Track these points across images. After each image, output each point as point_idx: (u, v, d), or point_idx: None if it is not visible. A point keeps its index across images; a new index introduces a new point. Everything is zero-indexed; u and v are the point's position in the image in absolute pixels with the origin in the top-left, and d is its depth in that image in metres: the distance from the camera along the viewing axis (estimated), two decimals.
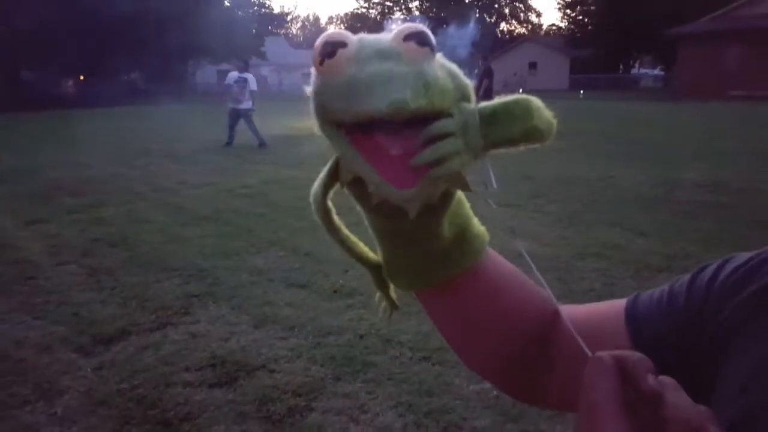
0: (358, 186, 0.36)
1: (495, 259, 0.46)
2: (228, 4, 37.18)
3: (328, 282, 3.54)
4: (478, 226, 0.44)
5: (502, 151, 0.35)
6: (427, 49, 0.32)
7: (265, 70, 47.08)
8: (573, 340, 0.44)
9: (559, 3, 37.98)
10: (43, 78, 25.97)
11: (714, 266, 0.42)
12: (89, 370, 2.58)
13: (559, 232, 4.56)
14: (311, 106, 0.34)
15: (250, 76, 10.09)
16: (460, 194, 0.41)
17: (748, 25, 22.09)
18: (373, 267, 0.46)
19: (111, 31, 21.84)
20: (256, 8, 40.55)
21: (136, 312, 3.19)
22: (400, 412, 2.24)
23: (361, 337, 2.81)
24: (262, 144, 9.99)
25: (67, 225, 5.10)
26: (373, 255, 0.45)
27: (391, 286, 0.47)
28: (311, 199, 0.40)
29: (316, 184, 0.39)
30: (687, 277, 0.43)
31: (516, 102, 0.34)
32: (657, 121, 13.93)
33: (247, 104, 10.01)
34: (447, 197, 0.39)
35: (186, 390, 2.41)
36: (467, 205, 0.43)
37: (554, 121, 0.35)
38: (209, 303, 3.31)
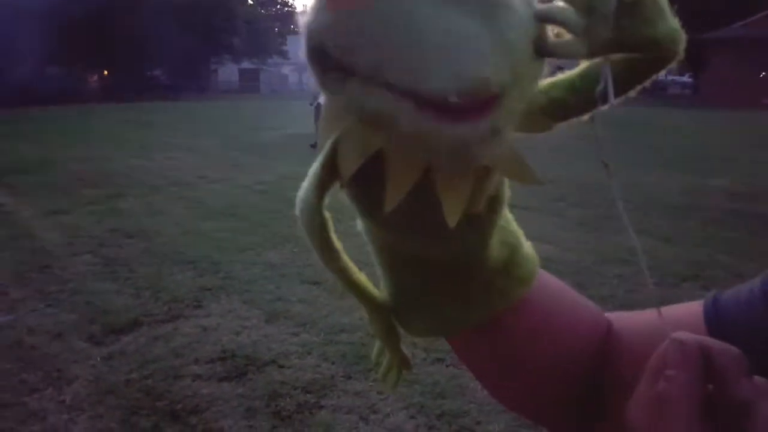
0: (366, 181, 0.24)
1: (542, 279, 0.36)
2: (251, 2, 37.57)
3: None
4: (526, 243, 0.34)
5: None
6: None
7: (286, 69, 47.44)
8: (630, 355, 0.37)
9: None
10: (67, 73, 26.49)
11: None
12: (99, 359, 2.56)
13: (582, 236, 4.45)
14: (302, 48, 0.22)
15: None
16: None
17: None
18: (380, 310, 0.34)
19: (134, 27, 22.22)
20: (279, 6, 40.84)
21: (148, 303, 3.17)
22: (412, 413, 2.17)
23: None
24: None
25: (85, 216, 5.13)
26: (378, 293, 0.33)
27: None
28: (298, 208, 0.27)
29: (307, 184, 0.27)
30: None
31: None
32: (686, 128, 13.63)
33: None
34: (496, 203, 0.28)
35: (195, 383, 2.37)
36: (510, 215, 0.33)
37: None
38: (222, 296, 3.28)
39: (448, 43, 0.19)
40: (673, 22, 0.24)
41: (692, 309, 0.38)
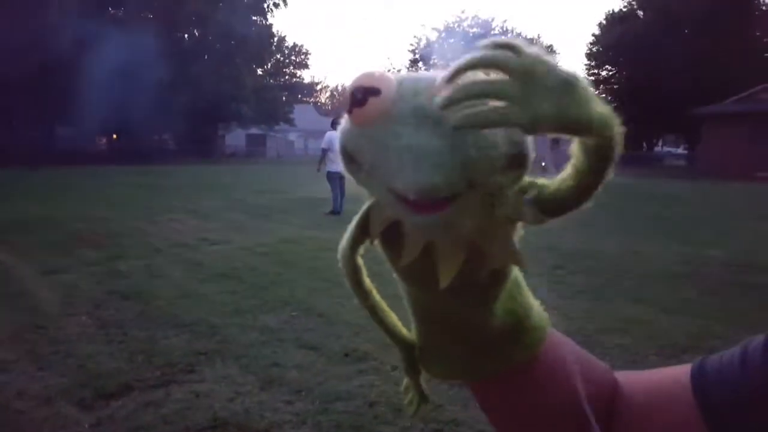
0: (390, 240, 0.32)
1: (553, 338, 0.39)
2: (260, 73, 39.08)
3: (339, 344, 3.43)
4: (538, 313, 0.38)
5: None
6: None
7: (292, 135, 48.71)
8: (634, 410, 0.41)
9: None
10: (77, 135, 27.22)
11: None
12: (87, 426, 2.48)
13: (582, 305, 4.42)
14: (337, 145, 0.30)
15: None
16: (518, 276, 0.36)
17: None
18: (405, 346, 0.39)
19: (145, 93, 23.08)
20: (287, 78, 42.48)
21: (141, 367, 3.12)
22: None
23: (371, 405, 2.68)
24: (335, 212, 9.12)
25: (84, 276, 5.13)
26: (407, 332, 0.39)
27: (423, 374, 0.41)
28: (339, 255, 0.35)
29: (345, 238, 0.35)
30: (761, 337, 0.39)
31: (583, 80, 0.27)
32: (682, 199, 13.81)
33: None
34: (498, 277, 0.33)
35: None
36: (525, 288, 0.37)
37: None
38: (216, 361, 3.22)
39: (414, 155, 0.26)
40: (605, 108, 0.27)
41: (683, 371, 0.41)
